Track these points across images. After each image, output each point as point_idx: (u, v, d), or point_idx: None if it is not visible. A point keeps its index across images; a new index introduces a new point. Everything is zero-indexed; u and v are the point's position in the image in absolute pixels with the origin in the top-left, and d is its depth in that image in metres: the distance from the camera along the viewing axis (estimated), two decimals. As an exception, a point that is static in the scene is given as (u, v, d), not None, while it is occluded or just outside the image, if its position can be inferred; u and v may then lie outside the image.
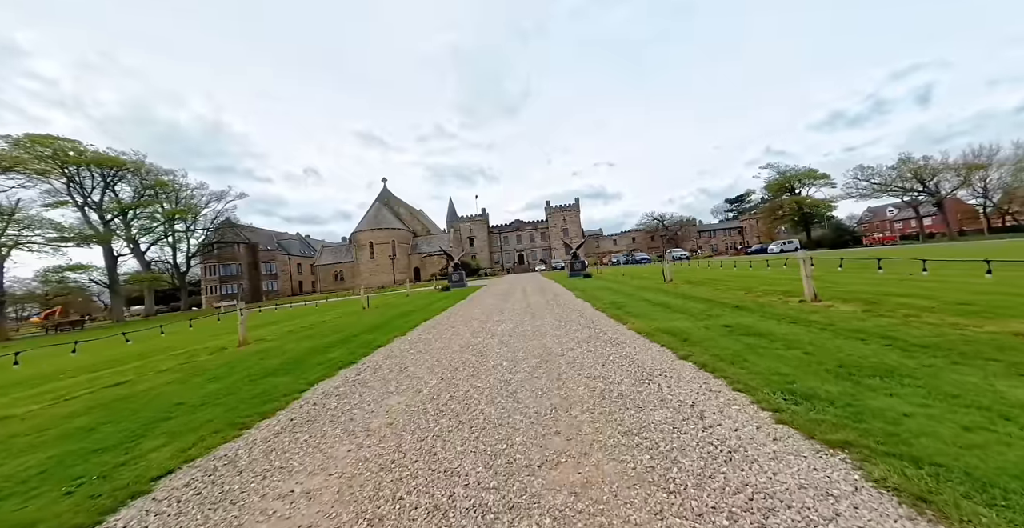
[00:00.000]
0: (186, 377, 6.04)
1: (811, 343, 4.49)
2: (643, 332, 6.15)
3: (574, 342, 5.98)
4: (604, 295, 12.24)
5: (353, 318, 13.12)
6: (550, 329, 7.28)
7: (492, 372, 4.73)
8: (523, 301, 13.09)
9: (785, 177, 59.02)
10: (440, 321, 10.11)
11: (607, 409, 3.25)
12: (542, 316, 9.07)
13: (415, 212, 79.98)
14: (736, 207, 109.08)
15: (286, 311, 23.14)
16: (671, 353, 4.80)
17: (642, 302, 9.65)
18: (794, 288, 9.14)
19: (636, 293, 11.87)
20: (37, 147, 31.18)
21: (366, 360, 6.20)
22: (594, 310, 9.30)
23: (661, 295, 10.73)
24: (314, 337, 9.15)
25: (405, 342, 7.47)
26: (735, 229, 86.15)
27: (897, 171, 43.15)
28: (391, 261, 60.61)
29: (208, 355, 8.09)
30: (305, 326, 11.86)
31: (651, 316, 7.48)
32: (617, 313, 8.28)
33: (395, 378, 4.92)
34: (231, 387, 5.13)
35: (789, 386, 3.24)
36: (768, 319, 6.09)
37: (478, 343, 6.62)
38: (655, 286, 13.66)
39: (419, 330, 8.85)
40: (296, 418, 3.80)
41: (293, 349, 7.61)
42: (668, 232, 79.98)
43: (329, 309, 20.14)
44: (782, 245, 55.31)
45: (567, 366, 4.68)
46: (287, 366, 6.15)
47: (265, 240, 66.16)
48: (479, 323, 8.92)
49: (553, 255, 77.09)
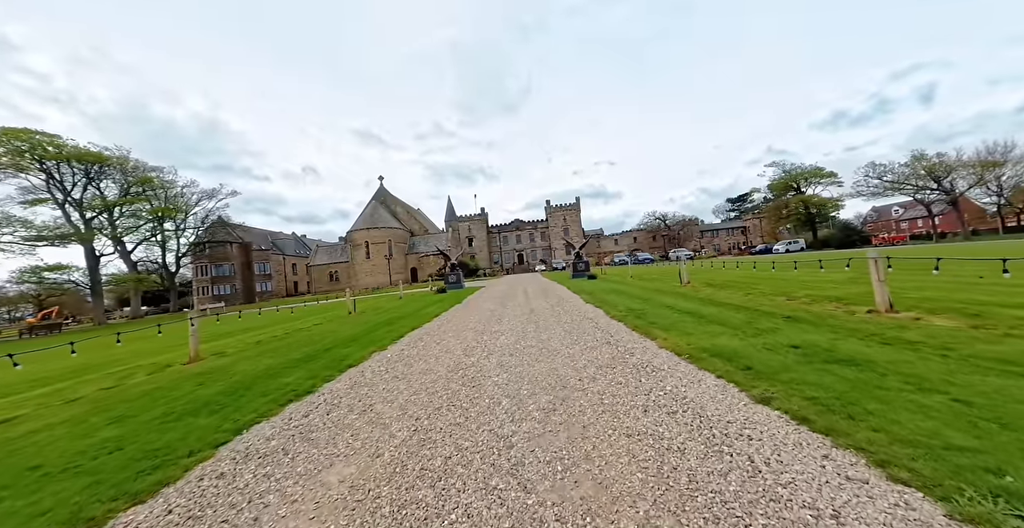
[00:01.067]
0: (88, 414, 4.66)
1: (948, 381, 3.12)
2: (683, 353, 4.78)
3: (594, 367, 4.61)
4: (616, 300, 10.88)
5: (334, 325, 11.73)
6: (560, 345, 5.91)
7: (487, 417, 3.36)
8: (525, 306, 11.72)
9: (790, 176, 57.80)
10: (430, 330, 8.74)
11: (682, 519, 1.88)
12: (548, 326, 7.70)
13: (412, 211, 78.56)
14: (738, 207, 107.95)
15: (269, 315, 21.75)
16: (736, 391, 3.43)
17: (664, 309, 8.28)
18: (845, 294, 7.78)
19: (653, 297, 10.50)
20: (13, 142, 29.73)
21: (326, 389, 4.82)
22: (609, 319, 7.93)
23: (683, 300, 9.36)
24: (280, 351, 7.77)
25: (383, 361, 6.10)
26: (738, 229, 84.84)
27: (910, 168, 41.86)
28: (387, 261, 59.17)
29: (145, 375, 6.71)
30: (279, 335, 10.47)
31: (684, 329, 6.12)
32: (639, 323, 6.92)
33: (352, 425, 3.55)
34: (129, 435, 3.75)
35: (1001, 481, 1.88)
36: (845, 338, 4.73)
37: (471, 365, 5.25)
38: (671, 289, 12.30)
39: (403, 343, 7.48)
40: (175, 513, 2.42)
41: (245, 370, 6.23)
42: (670, 232, 78.68)
43: (314, 313, 18.76)
44: (787, 245, 54.11)
45: (592, 410, 3.31)
46: (224, 397, 4.78)
47: (259, 239, 64.72)
48: (474, 335, 7.55)
49: (553, 255, 75.76)
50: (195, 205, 48.69)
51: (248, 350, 8.37)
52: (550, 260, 74.65)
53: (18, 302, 64.42)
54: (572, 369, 4.61)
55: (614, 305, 9.76)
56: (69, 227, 33.29)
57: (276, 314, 22.90)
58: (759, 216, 78.88)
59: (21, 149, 30.07)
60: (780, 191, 61.76)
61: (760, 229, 79.91)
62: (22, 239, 29.74)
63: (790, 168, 57.77)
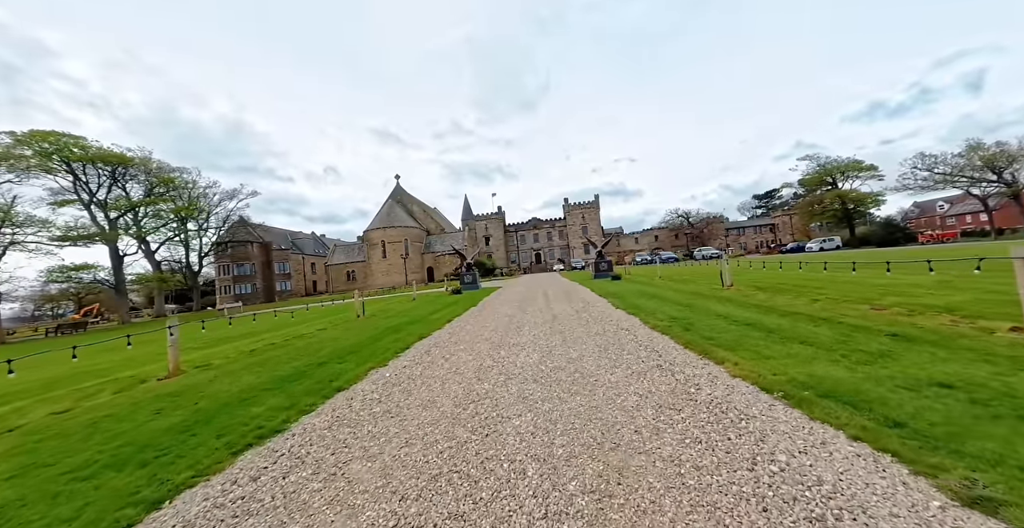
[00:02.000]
0: (3, 456, 3.72)
1: None
2: (770, 387, 3.49)
3: (651, 406, 3.38)
4: (651, 305, 9.54)
5: (339, 330, 10.80)
6: (596, 368, 4.69)
7: (504, 505, 2.19)
8: (546, 311, 10.51)
9: (825, 169, 54.39)
10: (440, 340, 7.64)
11: None
12: (577, 339, 6.48)
13: (429, 210, 78.27)
14: (765, 203, 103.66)
15: (282, 318, 21.20)
16: (907, 474, 2.14)
17: (716, 319, 6.93)
18: (950, 303, 6.27)
19: (695, 303, 9.12)
20: (41, 144, 30.40)
21: (300, 427, 3.76)
22: (650, 330, 6.64)
23: (735, 307, 7.96)
24: (269, 364, 6.81)
25: (379, 383, 5.02)
26: (766, 226, 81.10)
27: (965, 159, 38.39)
28: (403, 260, 58.84)
29: (112, 394, 5.83)
30: (277, 342, 9.59)
31: (755, 348, 4.80)
32: (691, 338, 5.62)
33: (308, 504, 2.43)
34: (11, 504, 2.75)
35: None
36: (1013, 371, 3.34)
37: (484, 395, 4.10)
38: (712, 293, 10.85)
39: (407, 357, 6.40)
40: None
41: (217, 392, 5.25)
42: (694, 230, 75.80)
43: (323, 315, 18.02)
44: (821, 243, 50.99)
45: (673, 502, 2.09)
46: (173, 436, 3.77)
47: (279, 239, 65.55)
48: (489, 348, 6.40)
49: (572, 254, 74.13)
50: (217, 205, 49.41)
51: (237, 361, 7.46)
52: (568, 259, 73.05)
53: (59, 299, 67.27)
54: (620, 409, 3.39)
55: (651, 312, 8.44)
56: (94, 227, 34.01)
57: (287, 316, 22.38)
58: (789, 213, 75.12)
59: (48, 151, 30.76)
60: (812, 186, 58.32)
61: (790, 226, 76.12)
62: (48, 239, 30.47)
63: (825, 161, 54.35)
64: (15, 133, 30.12)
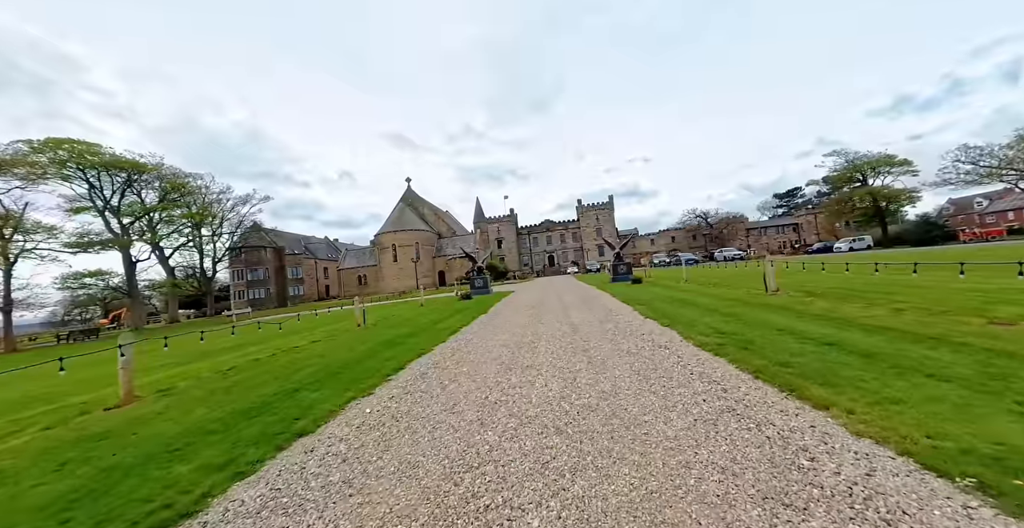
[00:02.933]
0: None
1: None
2: (941, 465, 2.17)
3: (749, 498, 2.10)
4: (686, 314, 8.17)
5: (333, 343, 9.74)
6: (641, 410, 3.42)
7: None
8: (564, 320, 9.25)
9: (854, 166, 51.58)
10: (440, 359, 6.46)
11: None
12: (606, 360, 5.22)
13: (440, 213, 77.73)
14: (786, 203, 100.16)
15: (287, 325, 20.39)
16: None
17: (778, 334, 5.56)
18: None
19: (739, 312, 7.71)
20: (56, 151, 30.68)
21: (220, 507, 2.61)
22: (695, 349, 5.33)
23: (794, 318, 6.56)
24: (235, 390, 5.74)
25: (352, 427, 3.85)
26: (788, 226, 77.91)
27: (1016, 150, 35.49)
28: (414, 264, 58.18)
29: (41, 429, 4.82)
30: (262, 358, 8.56)
31: (859, 382, 3.45)
32: (757, 363, 4.29)
33: None
34: None
35: None
36: None
37: (486, 456, 2.88)
38: (754, 298, 9.41)
39: (397, 383, 5.24)
40: None
41: (154, 434, 4.18)
42: (712, 231, 73.30)
43: (325, 323, 17.08)
44: (851, 243, 48.30)
45: None
46: (41, 519, 2.66)
47: (292, 244, 65.81)
48: (496, 372, 5.19)
49: (586, 256, 72.49)
50: (230, 210, 49.65)
51: (205, 384, 6.42)
52: (583, 261, 71.47)
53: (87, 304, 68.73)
54: (699, 500, 2.12)
55: (689, 323, 7.09)
56: (108, 234, 34.19)
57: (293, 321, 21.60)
58: (814, 212, 72.00)
59: (63, 158, 31.02)
60: (838, 183, 55.45)
61: (815, 226, 72.92)
62: (62, 246, 30.65)
63: (854, 157, 51.54)
64: (32, 141, 30.48)
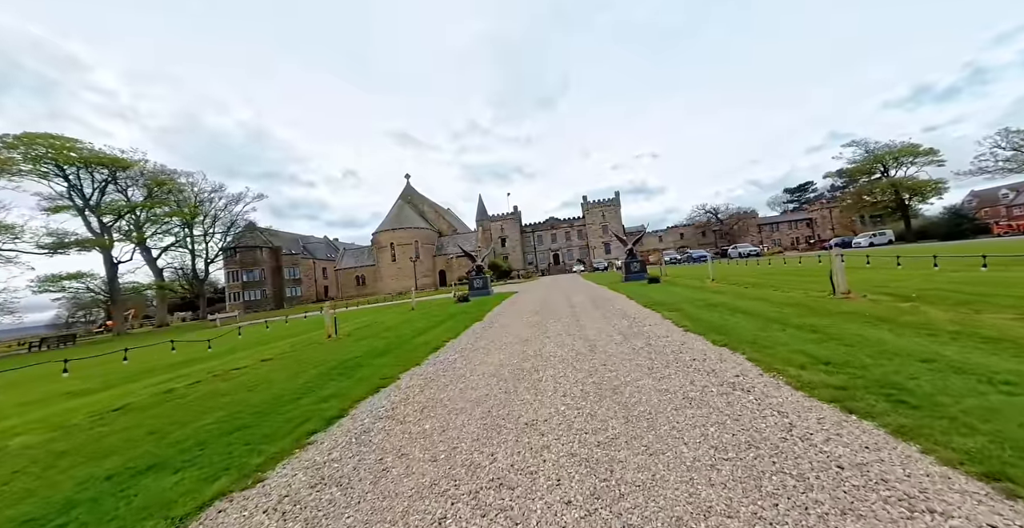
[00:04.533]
0: None
1: None
2: None
3: None
4: (741, 325, 6.05)
5: (281, 363, 7.73)
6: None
7: None
8: (576, 333, 7.17)
9: (875, 156, 48.88)
10: (397, 403, 4.41)
11: None
12: (655, 418, 3.13)
13: (441, 211, 75.73)
14: (798, 197, 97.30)
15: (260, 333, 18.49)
16: None
17: (942, 374, 3.44)
18: None
19: (821, 325, 5.56)
20: (32, 147, 28.99)
21: None
22: (803, 398, 3.22)
23: (928, 339, 4.43)
24: (85, 449, 3.74)
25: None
26: (802, 221, 75.23)
27: (1062, 134, 32.77)
28: (413, 264, 56.22)
29: None
30: (179, 387, 6.57)
31: None
32: (969, 446, 2.19)
33: None
34: None
35: None
36: None
37: None
38: (825, 305, 7.25)
39: (313, 454, 3.20)
40: None
41: None
42: (723, 226, 70.77)
43: (296, 333, 15.12)
44: (871, 238, 45.74)
45: None
46: None
47: (289, 244, 64.15)
48: (477, 437, 3.12)
49: (592, 254, 70.29)
50: (223, 209, 47.97)
51: (85, 430, 4.42)
52: (588, 260, 69.24)
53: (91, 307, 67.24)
54: None
55: (757, 342, 4.98)
56: (88, 233, 32.49)
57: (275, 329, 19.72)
58: (830, 206, 69.19)
59: (39, 154, 29.29)
60: (856, 175, 52.70)
61: (830, 221, 70.13)
62: (37, 247, 28.96)
63: (874, 147, 48.87)
64: (6, 136, 28.79)
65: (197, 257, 46.41)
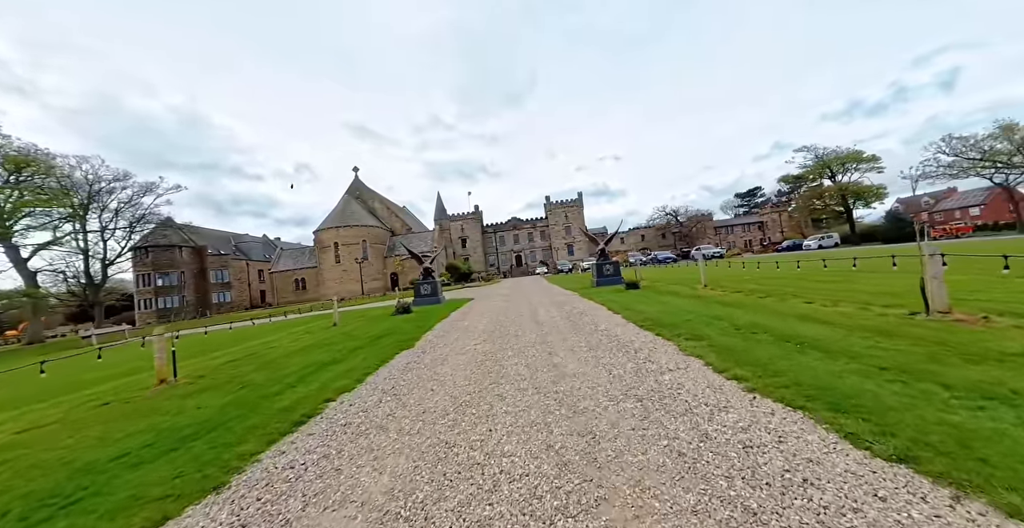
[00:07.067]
0: None
1: None
2: None
3: None
4: (828, 371, 3.23)
5: (137, 404, 4.02)
6: None
7: None
8: (549, 369, 4.08)
9: (823, 161, 50.74)
10: None
11: None
12: None
13: (395, 208, 70.62)
14: (747, 202, 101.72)
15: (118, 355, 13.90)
16: None
17: None
18: None
19: (912, 365, 2.89)
20: None
21: None
22: None
23: None
24: None
25: None
26: (754, 224, 77.92)
27: (999, 141, 34.67)
28: (359, 266, 51.09)
29: None
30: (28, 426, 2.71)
31: None
32: None
33: None
34: None
35: None
36: None
37: None
38: (927, 332, 4.71)
39: None
40: None
41: None
42: (683, 229, 71.58)
43: (138, 367, 10.96)
44: (819, 240, 47.39)
45: None
46: None
47: (218, 242, 56.56)
48: None
49: (555, 256, 68.41)
50: (128, 202, 40.60)
51: None
52: (552, 261, 67.27)
53: None
54: None
55: (915, 428, 2.13)
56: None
57: (122, 355, 15.02)
58: (779, 209, 72.08)
59: None
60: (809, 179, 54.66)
61: (779, 224, 73.08)
62: None
63: (823, 153, 50.72)
64: None
65: (92, 258, 38.73)
